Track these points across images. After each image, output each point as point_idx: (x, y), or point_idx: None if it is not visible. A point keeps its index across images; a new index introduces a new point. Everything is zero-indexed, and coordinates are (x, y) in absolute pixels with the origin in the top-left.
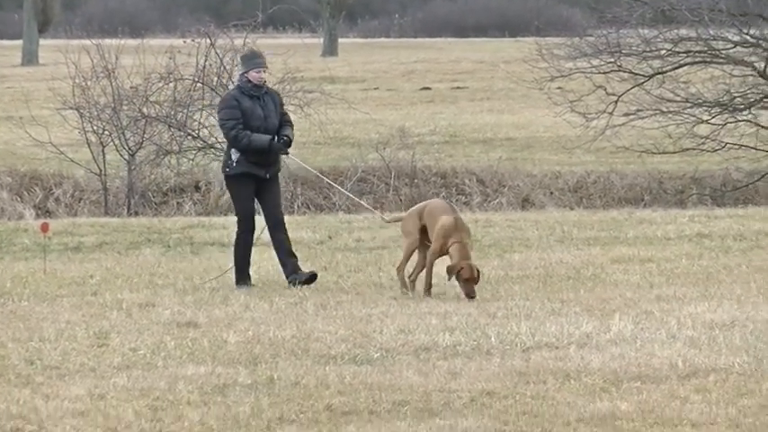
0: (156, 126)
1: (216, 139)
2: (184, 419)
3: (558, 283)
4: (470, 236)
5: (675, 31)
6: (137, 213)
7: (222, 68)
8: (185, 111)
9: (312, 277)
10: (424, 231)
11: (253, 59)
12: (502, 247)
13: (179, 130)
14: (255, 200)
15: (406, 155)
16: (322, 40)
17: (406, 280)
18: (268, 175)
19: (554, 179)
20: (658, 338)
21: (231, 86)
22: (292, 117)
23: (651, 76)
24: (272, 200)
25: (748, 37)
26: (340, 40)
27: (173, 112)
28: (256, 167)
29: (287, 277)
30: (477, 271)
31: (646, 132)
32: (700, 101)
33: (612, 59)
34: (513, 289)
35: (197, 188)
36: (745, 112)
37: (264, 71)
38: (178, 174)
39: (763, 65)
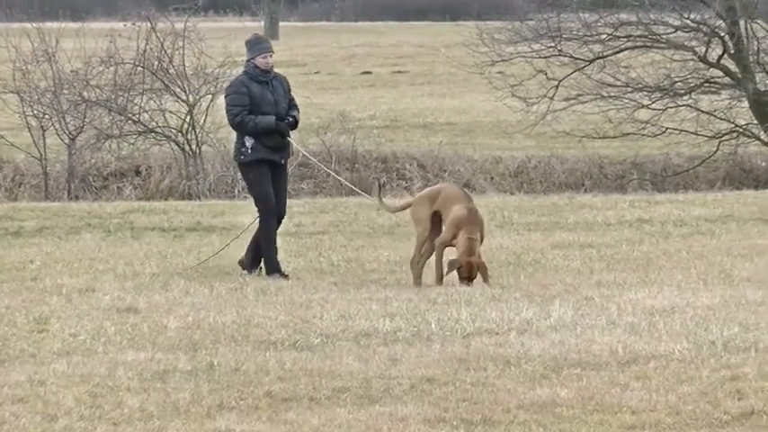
0: (96, 110)
1: (156, 123)
2: (124, 406)
3: (498, 269)
4: (483, 227)
5: (616, 15)
6: (77, 198)
7: (163, 52)
8: (126, 95)
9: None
10: (435, 217)
11: (258, 45)
12: None
13: (120, 114)
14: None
15: (347, 139)
16: (263, 23)
17: (420, 275)
18: (283, 160)
19: (495, 164)
20: (598, 325)
21: (237, 73)
22: None
23: (592, 61)
24: (280, 191)
25: (689, 21)
26: (281, 23)
27: (113, 97)
28: (271, 153)
29: (243, 269)
30: (479, 267)
31: (586, 117)
32: (640, 86)
33: (553, 44)
34: (453, 274)
35: (137, 173)
36: (685, 97)
37: (271, 56)
38: (119, 158)
39: (703, 49)
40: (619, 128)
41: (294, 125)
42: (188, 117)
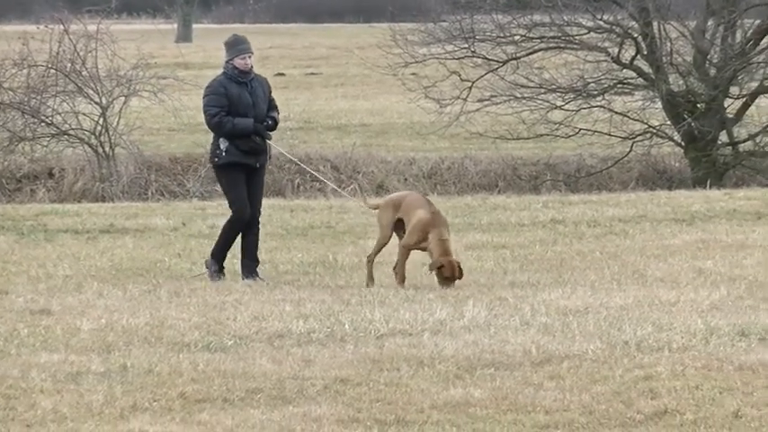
0: (9, 112)
1: (69, 125)
2: (37, 407)
3: (412, 270)
4: (449, 230)
5: (529, 16)
6: None
7: (76, 54)
8: (39, 97)
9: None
10: (399, 223)
11: (237, 46)
12: (356, 233)
13: (33, 116)
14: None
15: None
16: (176, 25)
17: (373, 272)
18: (258, 164)
19: (408, 165)
20: (512, 325)
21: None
22: (147, 103)
23: (505, 62)
24: (255, 195)
25: (602, 22)
26: (194, 25)
27: (26, 99)
28: (247, 156)
29: (244, 278)
30: (459, 268)
31: (500, 118)
32: (554, 87)
33: (466, 45)
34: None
35: (51, 175)
36: (598, 98)
37: (250, 56)
38: (32, 160)
39: (616, 50)
40: (532, 129)
41: (273, 127)
42: (101, 119)
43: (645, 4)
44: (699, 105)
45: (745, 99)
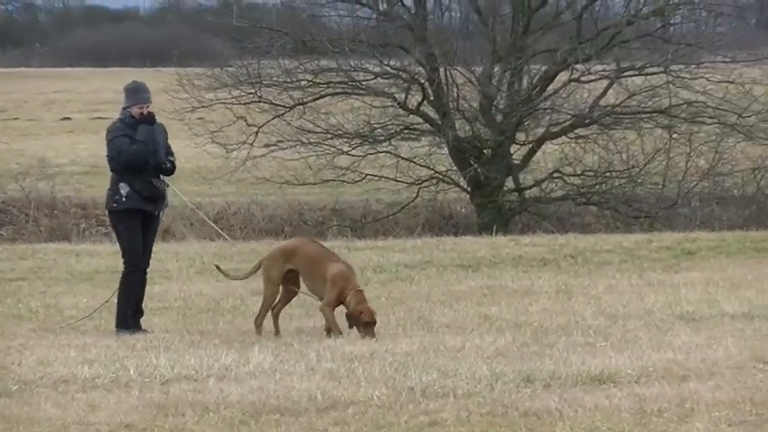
0: None
1: None
2: None
3: (197, 315)
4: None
5: (316, 61)
6: None
7: None
8: None
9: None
10: (288, 275)
11: (136, 94)
12: None
13: None
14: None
15: (46, 185)
16: None
17: (261, 329)
18: (157, 212)
19: (195, 211)
20: (298, 371)
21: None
22: None
23: (292, 107)
24: (148, 243)
25: (388, 68)
26: None
27: None
28: (146, 203)
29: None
30: (372, 312)
31: (287, 164)
32: (340, 132)
33: (253, 90)
34: (152, 321)
35: None
36: (385, 144)
37: (148, 107)
38: None
39: (403, 96)
40: (318, 174)
41: (171, 170)
42: None
43: (431, 50)
44: (485, 151)
45: (531, 145)
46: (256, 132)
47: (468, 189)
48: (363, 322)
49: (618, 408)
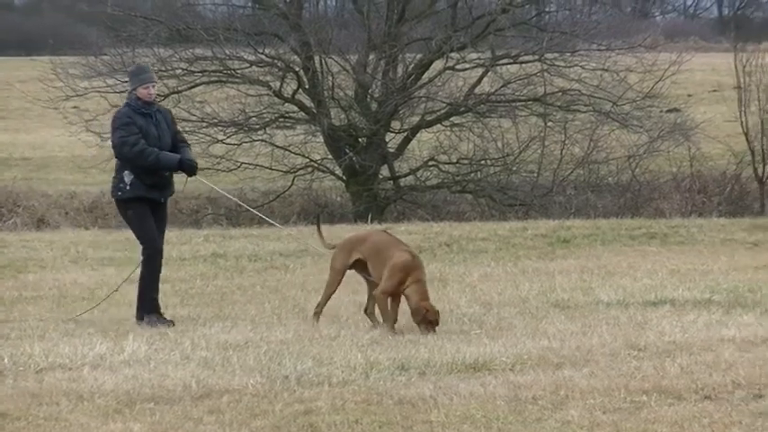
0: None
1: None
2: None
3: (72, 304)
4: (425, 272)
5: (191, 50)
6: None
7: None
8: None
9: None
10: (356, 264)
11: (140, 75)
12: (16, 267)
13: None
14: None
15: None
16: None
17: (319, 317)
18: (163, 199)
19: (69, 199)
20: (172, 360)
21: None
22: None
23: (166, 96)
24: (160, 230)
25: (264, 56)
26: None
27: None
28: (152, 191)
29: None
30: (437, 311)
31: None
32: (215, 120)
33: (128, 79)
34: (27, 310)
35: None
36: (260, 132)
37: (154, 86)
38: None
39: (278, 84)
40: None
41: (195, 170)
42: None
43: (306, 38)
44: (360, 140)
45: (406, 133)
46: None
47: (344, 177)
48: (428, 321)
49: (493, 395)
